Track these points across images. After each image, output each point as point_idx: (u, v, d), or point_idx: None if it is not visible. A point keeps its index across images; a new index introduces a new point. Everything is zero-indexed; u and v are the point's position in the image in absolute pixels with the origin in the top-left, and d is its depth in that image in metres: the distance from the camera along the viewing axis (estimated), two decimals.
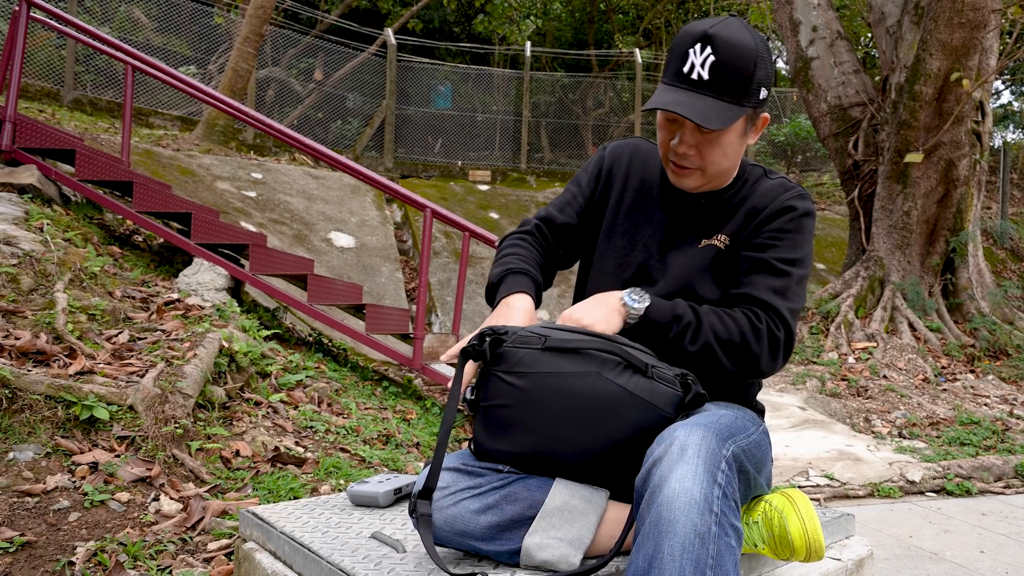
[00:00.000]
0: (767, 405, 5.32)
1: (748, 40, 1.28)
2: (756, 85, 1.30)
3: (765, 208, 1.41)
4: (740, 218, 1.43)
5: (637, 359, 1.23)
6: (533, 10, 14.25)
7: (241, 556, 1.55)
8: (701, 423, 1.14)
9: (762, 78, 1.31)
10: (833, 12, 7.80)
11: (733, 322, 1.33)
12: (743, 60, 1.27)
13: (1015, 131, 14.07)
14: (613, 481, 1.28)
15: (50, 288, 3.38)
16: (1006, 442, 4.38)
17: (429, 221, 4.78)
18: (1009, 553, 2.84)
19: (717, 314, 1.34)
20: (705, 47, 1.27)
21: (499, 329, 1.27)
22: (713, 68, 1.27)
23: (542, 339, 1.24)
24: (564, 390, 1.21)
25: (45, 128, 4.83)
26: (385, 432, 3.64)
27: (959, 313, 7.04)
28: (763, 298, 1.34)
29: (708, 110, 1.27)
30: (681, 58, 1.30)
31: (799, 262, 1.38)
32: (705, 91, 1.28)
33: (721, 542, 1.02)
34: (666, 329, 1.33)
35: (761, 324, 1.32)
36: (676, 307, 1.35)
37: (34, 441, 2.43)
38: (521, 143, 11.91)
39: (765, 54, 1.30)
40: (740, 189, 1.45)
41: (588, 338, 1.25)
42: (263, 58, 11.37)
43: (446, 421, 1.23)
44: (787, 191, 1.43)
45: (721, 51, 1.26)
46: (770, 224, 1.40)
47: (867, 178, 7.43)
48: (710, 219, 1.45)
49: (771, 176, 1.47)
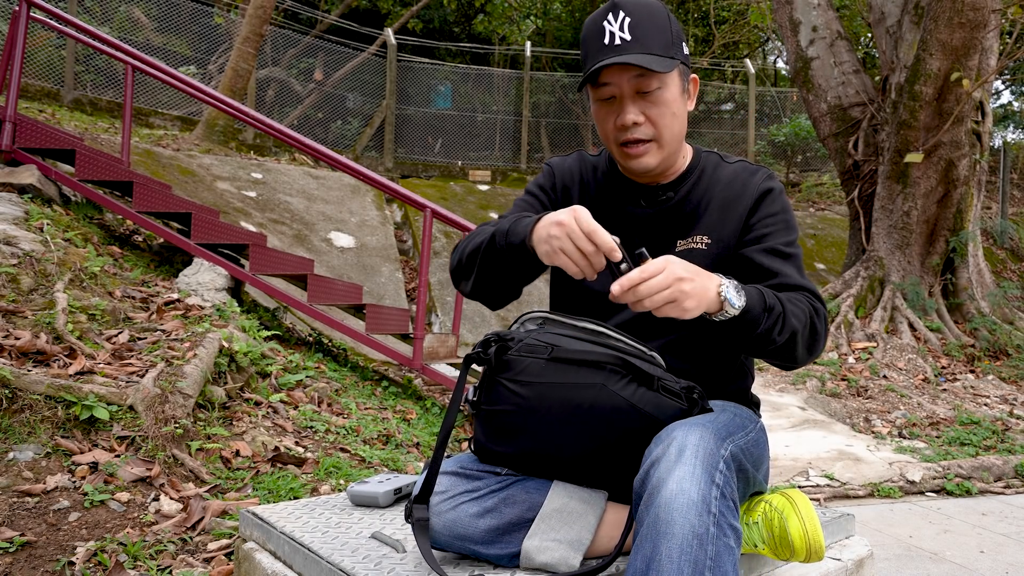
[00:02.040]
0: (768, 405, 5.29)
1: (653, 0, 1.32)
2: (675, 37, 1.32)
3: (740, 199, 1.39)
4: (716, 214, 1.39)
5: (644, 372, 1.20)
6: (533, 10, 14.25)
7: (241, 556, 1.55)
8: (699, 423, 1.13)
9: (677, 31, 1.33)
10: (833, 12, 7.80)
11: (798, 303, 1.28)
12: (657, 15, 1.30)
13: (1015, 131, 14.07)
14: (612, 482, 1.28)
15: (50, 288, 3.38)
16: (1006, 442, 4.38)
17: (429, 221, 4.78)
18: (1009, 553, 2.84)
19: (787, 298, 1.27)
20: (617, 13, 1.29)
21: (505, 335, 1.25)
22: (632, 27, 1.28)
23: (549, 348, 1.22)
24: (568, 401, 1.20)
25: (45, 128, 4.83)
26: (385, 432, 3.64)
27: (959, 313, 7.04)
28: (800, 283, 1.33)
29: (645, 60, 1.26)
30: (599, 34, 1.30)
31: (796, 241, 1.40)
32: (633, 50, 1.28)
33: (719, 543, 1.02)
34: (756, 323, 1.20)
35: (816, 304, 1.31)
36: (765, 296, 1.22)
37: (34, 441, 2.43)
38: (521, 143, 11.91)
39: (668, 11, 1.33)
40: (700, 178, 1.42)
41: (596, 349, 1.22)
42: (263, 58, 11.36)
43: (445, 425, 1.22)
44: (754, 175, 1.42)
45: (633, 12, 1.29)
46: (756, 214, 1.38)
47: (867, 178, 7.43)
48: (679, 216, 1.41)
49: (728, 160, 1.45)
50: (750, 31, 13.78)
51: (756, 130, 12.61)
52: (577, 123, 13.13)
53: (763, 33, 14.66)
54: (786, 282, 1.32)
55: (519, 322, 1.35)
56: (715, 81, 14.37)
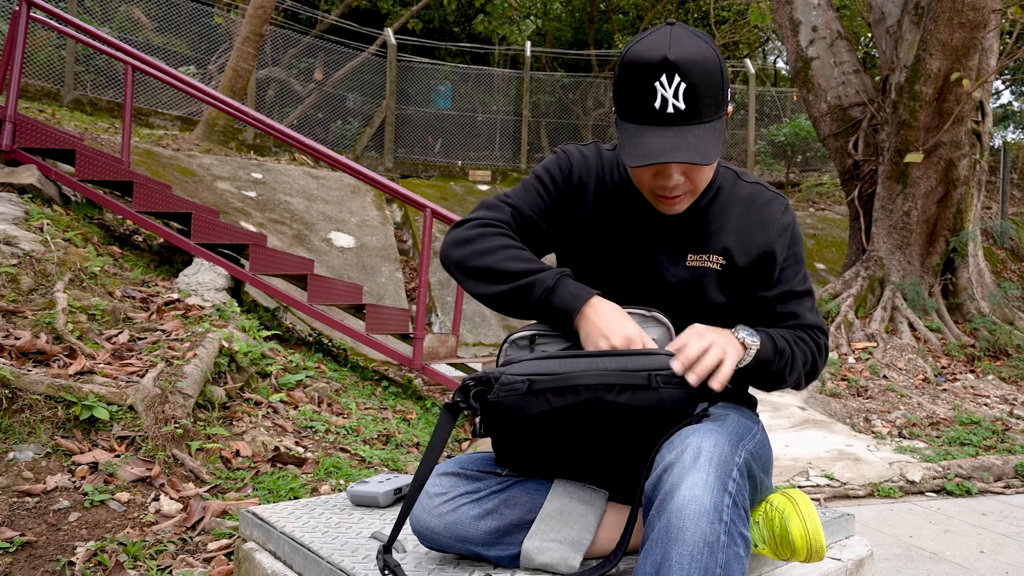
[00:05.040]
0: (768, 405, 5.29)
1: (706, 50, 1.18)
2: (724, 90, 1.22)
3: (762, 231, 1.36)
4: (732, 236, 1.36)
5: (631, 378, 1.16)
6: (533, 10, 14.25)
7: (241, 556, 1.55)
8: (713, 428, 1.12)
9: (726, 80, 1.23)
10: (833, 12, 7.79)
11: (806, 345, 1.40)
12: (712, 74, 1.18)
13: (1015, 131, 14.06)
14: (613, 481, 1.27)
15: (50, 288, 3.38)
16: (1006, 442, 4.37)
17: (429, 221, 4.78)
18: (1009, 553, 2.84)
19: (793, 338, 1.39)
20: (672, 77, 1.16)
21: (482, 377, 1.19)
22: (687, 95, 1.17)
23: (526, 383, 1.17)
24: (563, 419, 1.19)
25: (45, 128, 4.83)
26: (385, 432, 3.64)
27: (959, 313, 7.04)
28: (811, 322, 1.43)
29: (700, 143, 1.18)
30: (648, 95, 1.18)
31: (807, 276, 1.46)
32: (687, 122, 1.18)
33: (730, 551, 1.02)
34: (770, 364, 1.33)
35: (821, 342, 1.43)
36: (775, 340, 1.34)
37: (34, 441, 2.43)
38: (521, 143, 11.91)
39: (719, 54, 1.22)
40: (718, 195, 1.38)
41: (574, 372, 1.17)
42: (263, 58, 11.36)
43: (419, 474, 1.18)
44: (772, 204, 1.39)
45: (690, 74, 1.16)
46: (779, 255, 1.37)
47: (867, 178, 7.43)
48: (694, 230, 1.37)
49: (744, 179, 1.41)
50: (750, 31, 13.78)
51: (756, 130, 12.61)
52: (577, 123, 13.13)
53: (763, 33, 14.66)
54: (801, 323, 1.42)
55: (503, 347, 1.31)
56: None
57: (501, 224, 1.37)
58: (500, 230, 1.35)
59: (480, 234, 1.34)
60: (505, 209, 1.40)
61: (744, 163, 12.51)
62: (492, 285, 1.31)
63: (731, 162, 1.59)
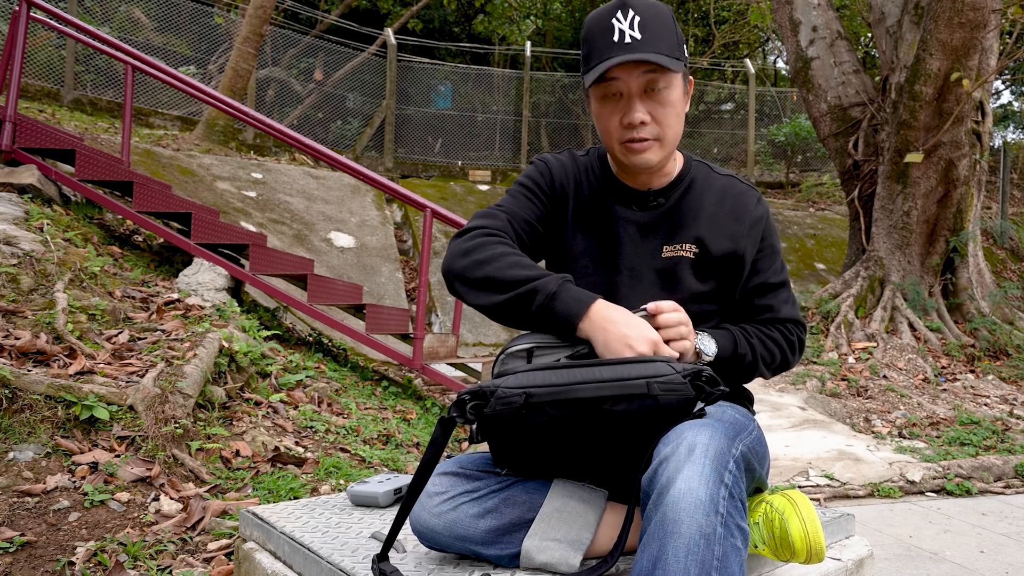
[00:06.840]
0: (768, 405, 5.28)
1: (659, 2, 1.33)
2: (679, 40, 1.33)
3: (735, 221, 1.42)
4: (705, 225, 1.41)
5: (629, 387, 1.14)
6: (533, 10, 14.25)
7: (241, 556, 1.55)
8: (708, 423, 1.12)
9: (680, 34, 1.34)
10: (833, 12, 7.79)
11: (775, 343, 1.45)
12: (664, 16, 1.31)
13: (1015, 131, 14.06)
14: (613, 480, 1.27)
15: (50, 288, 3.38)
16: (1006, 442, 4.37)
17: (429, 221, 4.78)
18: (1009, 553, 2.84)
19: (762, 338, 1.44)
20: (627, 12, 1.29)
21: (478, 391, 1.17)
22: (642, 26, 1.28)
23: (523, 396, 1.15)
24: (561, 426, 1.18)
25: (45, 128, 4.83)
26: (385, 432, 3.64)
27: (959, 313, 7.04)
28: (786, 316, 1.47)
29: (660, 57, 1.28)
30: (607, 31, 1.30)
31: (783, 265, 1.50)
32: (644, 49, 1.28)
33: (726, 543, 1.02)
34: (727, 366, 1.39)
35: (793, 337, 1.48)
36: (738, 344, 1.40)
37: (34, 441, 2.43)
38: (521, 143, 11.91)
39: (672, 13, 1.36)
40: (691, 187, 1.44)
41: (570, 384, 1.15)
42: (263, 58, 11.36)
43: (414, 483, 1.18)
44: (745, 195, 1.45)
45: (642, 11, 1.30)
46: (754, 247, 1.44)
47: (867, 178, 7.43)
48: (668, 223, 1.43)
49: (717, 171, 1.48)
50: (750, 31, 13.78)
51: (756, 130, 12.61)
52: (577, 123, 13.13)
53: (763, 33, 14.66)
54: (776, 317, 1.48)
55: (499, 358, 1.30)
56: (715, 81, 14.37)
57: (499, 232, 1.38)
58: (498, 238, 1.36)
59: (479, 244, 1.34)
60: (501, 216, 1.42)
61: (744, 163, 12.52)
62: (494, 295, 1.30)
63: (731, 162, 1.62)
